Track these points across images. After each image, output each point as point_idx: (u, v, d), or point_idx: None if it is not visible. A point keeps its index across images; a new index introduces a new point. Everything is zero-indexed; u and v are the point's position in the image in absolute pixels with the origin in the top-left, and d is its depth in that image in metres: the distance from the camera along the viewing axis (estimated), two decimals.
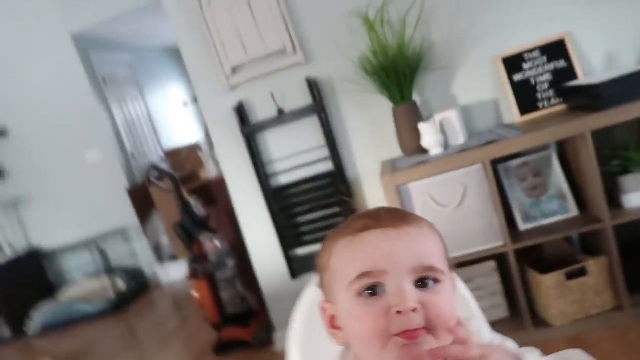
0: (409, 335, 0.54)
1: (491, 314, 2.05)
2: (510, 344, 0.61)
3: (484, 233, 1.93)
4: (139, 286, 4.61)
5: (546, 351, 1.92)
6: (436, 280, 0.58)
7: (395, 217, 0.62)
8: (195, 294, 2.68)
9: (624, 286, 1.86)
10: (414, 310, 0.54)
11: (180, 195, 2.75)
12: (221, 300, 2.73)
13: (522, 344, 2.02)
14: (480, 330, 0.61)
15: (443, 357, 0.50)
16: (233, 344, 2.68)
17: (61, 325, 4.18)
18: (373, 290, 0.57)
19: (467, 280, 2.03)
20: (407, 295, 0.55)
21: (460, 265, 2.01)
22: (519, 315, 2.00)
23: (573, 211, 1.99)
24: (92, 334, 3.92)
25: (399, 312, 0.54)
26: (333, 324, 0.63)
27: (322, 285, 0.66)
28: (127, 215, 4.68)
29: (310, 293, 0.79)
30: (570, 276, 1.90)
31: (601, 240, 1.91)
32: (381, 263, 0.57)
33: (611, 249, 1.84)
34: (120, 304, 4.23)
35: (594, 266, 1.89)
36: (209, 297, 2.66)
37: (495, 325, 2.07)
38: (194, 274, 2.62)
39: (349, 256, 0.60)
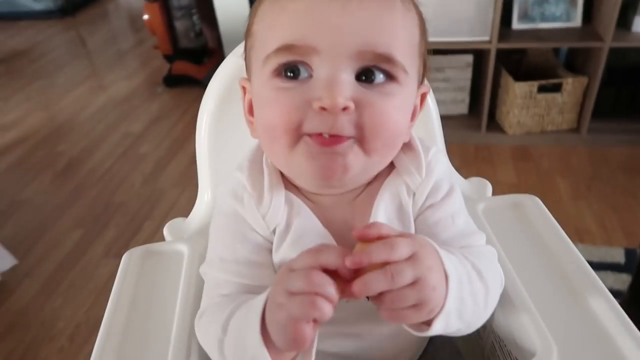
0: (326, 140, 0.39)
1: (451, 108, 1.98)
2: (457, 197, 0.49)
3: (472, 23, 1.71)
4: None
5: (489, 154, 1.95)
6: (391, 78, 0.40)
7: None
8: (146, 16, 2.41)
9: (590, 111, 1.80)
10: (345, 109, 0.38)
11: None
12: (175, 30, 2.49)
13: (472, 142, 2.00)
14: (435, 164, 0.47)
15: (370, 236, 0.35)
16: (184, 78, 2.57)
17: (2, 18, 3.86)
18: (294, 72, 0.40)
19: (436, 70, 1.90)
20: (338, 87, 0.38)
21: (435, 52, 1.84)
22: (477, 116, 1.95)
23: (576, 21, 1.76)
24: (37, 33, 3.66)
25: (322, 109, 0.38)
26: (251, 110, 0.47)
27: (245, 55, 0.47)
28: None
29: (232, 63, 0.62)
30: (542, 89, 1.80)
31: (591, 59, 1.76)
32: (312, 35, 0.38)
33: (597, 70, 1.71)
34: (68, 9, 3.87)
35: (571, 84, 1.78)
36: (161, 22, 2.41)
37: (452, 120, 2.04)
38: None
39: (272, 18, 0.41)
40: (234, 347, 0.40)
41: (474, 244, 0.46)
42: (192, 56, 2.55)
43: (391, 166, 0.47)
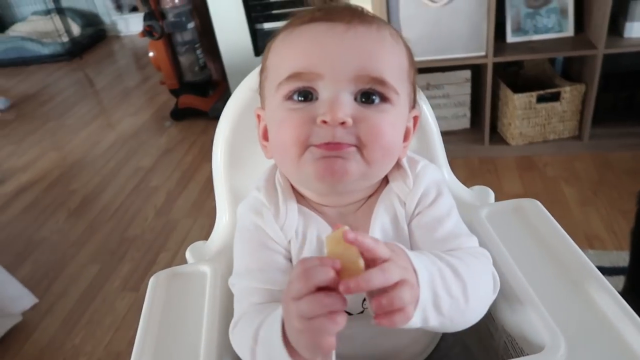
0: (329, 146, 0.45)
1: (453, 124, 2.02)
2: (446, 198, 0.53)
3: (467, 39, 1.76)
4: (95, 34, 4.31)
5: (494, 166, 1.97)
6: (384, 99, 0.47)
7: (353, 13, 0.48)
8: (151, 53, 2.50)
9: (590, 117, 1.83)
10: (343, 123, 0.44)
11: None
12: (180, 65, 2.57)
13: (476, 156, 2.03)
14: (422, 175, 0.52)
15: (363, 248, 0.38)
16: (190, 111, 2.64)
17: (11, 64, 3.98)
18: (304, 97, 0.47)
19: (436, 87, 1.94)
20: (338, 105, 0.44)
21: (433, 70, 1.89)
22: (479, 129, 1.98)
23: (569, 31, 1.81)
24: (45, 76, 3.77)
25: (324, 122, 0.44)
26: (265, 136, 0.53)
27: (260, 88, 0.55)
28: None
29: (242, 93, 0.66)
30: (541, 99, 1.83)
31: (586, 67, 1.80)
32: (317, 63, 0.46)
33: (594, 78, 1.74)
34: (75, 51, 3.99)
35: (569, 93, 1.81)
36: (166, 58, 2.48)
37: (455, 135, 2.07)
38: (149, 31, 2.39)
39: (283, 52, 0.49)
40: (265, 356, 0.43)
41: (462, 245, 0.50)
42: (197, 89, 2.62)
43: (386, 182, 0.53)
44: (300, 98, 0.47)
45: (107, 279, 1.67)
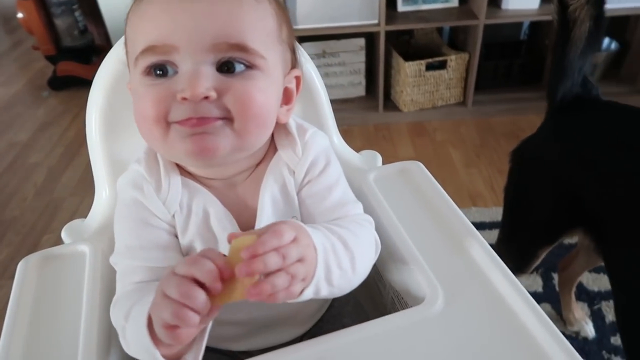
0: (191, 121, 0.42)
1: (350, 91, 2.05)
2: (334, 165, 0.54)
3: (361, 7, 1.78)
4: None
5: (388, 132, 2.03)
6: (250, 66, 0.44)
7: None
8: (20, 15, 2.22)
9: (473, 84, 1.95)
10: (206, 98, 0.41)
11: None
12: (55, 28, 2.32)
13: (371, 123, 2.08)
14: (311, 143, 0.51)
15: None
16: (72, 80, 2.41)
17: None
18: (162, 71, 0.43)
19: (331, 55, 1.95)
20: (198, 79, 0.41)
21: (328, 37, 1.89)
22: (374, 97, 2.04)
23: (454, 2, 1.90)
24: None
25: (184, 99, 0.41)
26: None
27: (127, 61, 0.50)
28: None
29: (116, 55, 0.61)
30: (430, 67, 1.92)
31: (470, 36, 1.91)
32: (170, 34, 0.42)
33: (476, 47, 1.85)
34: None
35: (455, 61, 1.91)
36: (39, 20, 2.23)
37: (351, 102, 2.10)
38: None
39: (135, 22, 0.45)
40: (133, 335, 0.41)
41: (349, 213, 0.51)
42: (78, 55, 2.39)
43: (275, 149, 0.51)
44: (159, 72, 0.43)
45: None
